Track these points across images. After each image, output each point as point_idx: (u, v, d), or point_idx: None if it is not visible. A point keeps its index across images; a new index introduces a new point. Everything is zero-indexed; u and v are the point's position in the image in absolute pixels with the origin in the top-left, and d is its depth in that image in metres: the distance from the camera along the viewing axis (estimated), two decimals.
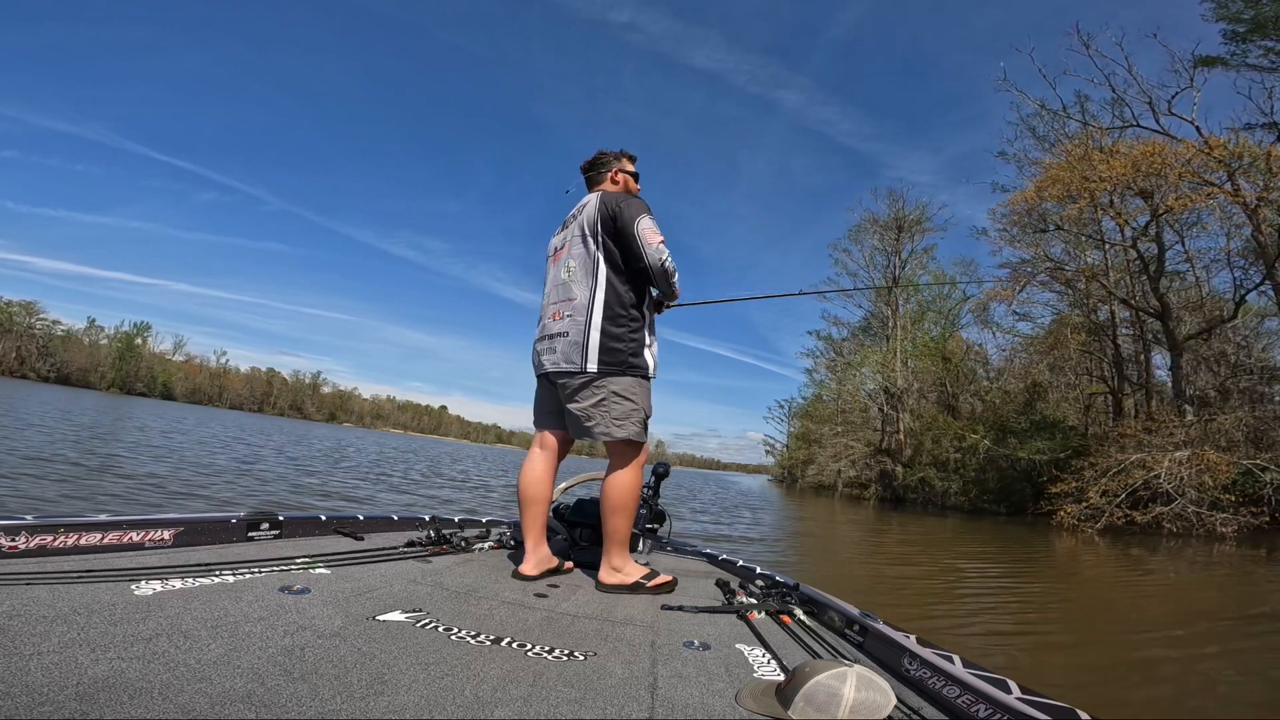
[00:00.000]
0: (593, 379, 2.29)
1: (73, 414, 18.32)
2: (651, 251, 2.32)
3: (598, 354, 2.28)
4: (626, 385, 2.31)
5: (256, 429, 29.44)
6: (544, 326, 2.45)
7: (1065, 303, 23.85)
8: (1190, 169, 16.29)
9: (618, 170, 2.65)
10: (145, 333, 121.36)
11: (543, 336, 2.44)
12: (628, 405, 2.30)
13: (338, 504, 7.68)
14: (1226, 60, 18.14)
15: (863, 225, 34.83)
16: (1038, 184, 19.14)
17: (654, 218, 2.40)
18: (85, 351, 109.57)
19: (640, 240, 2.32)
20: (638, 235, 2.32)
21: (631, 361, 2.33)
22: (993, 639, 4.08)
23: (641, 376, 2.36)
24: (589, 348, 2.28)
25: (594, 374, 2.28)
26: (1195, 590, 6.93)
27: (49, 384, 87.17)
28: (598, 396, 2.29)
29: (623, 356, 2.31)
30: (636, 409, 2.33)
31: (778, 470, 59.33)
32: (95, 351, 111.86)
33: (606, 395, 2.29)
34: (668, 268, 2.36)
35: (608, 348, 2.29)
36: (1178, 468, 13.71)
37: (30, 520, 1.69)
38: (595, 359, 2.28)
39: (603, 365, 2.28)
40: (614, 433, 2.28)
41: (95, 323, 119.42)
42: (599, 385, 2.29)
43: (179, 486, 6.94)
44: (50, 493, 5.46)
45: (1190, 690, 3.17)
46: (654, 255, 2.33)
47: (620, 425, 2.28)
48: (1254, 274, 17.90)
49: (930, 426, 28.13)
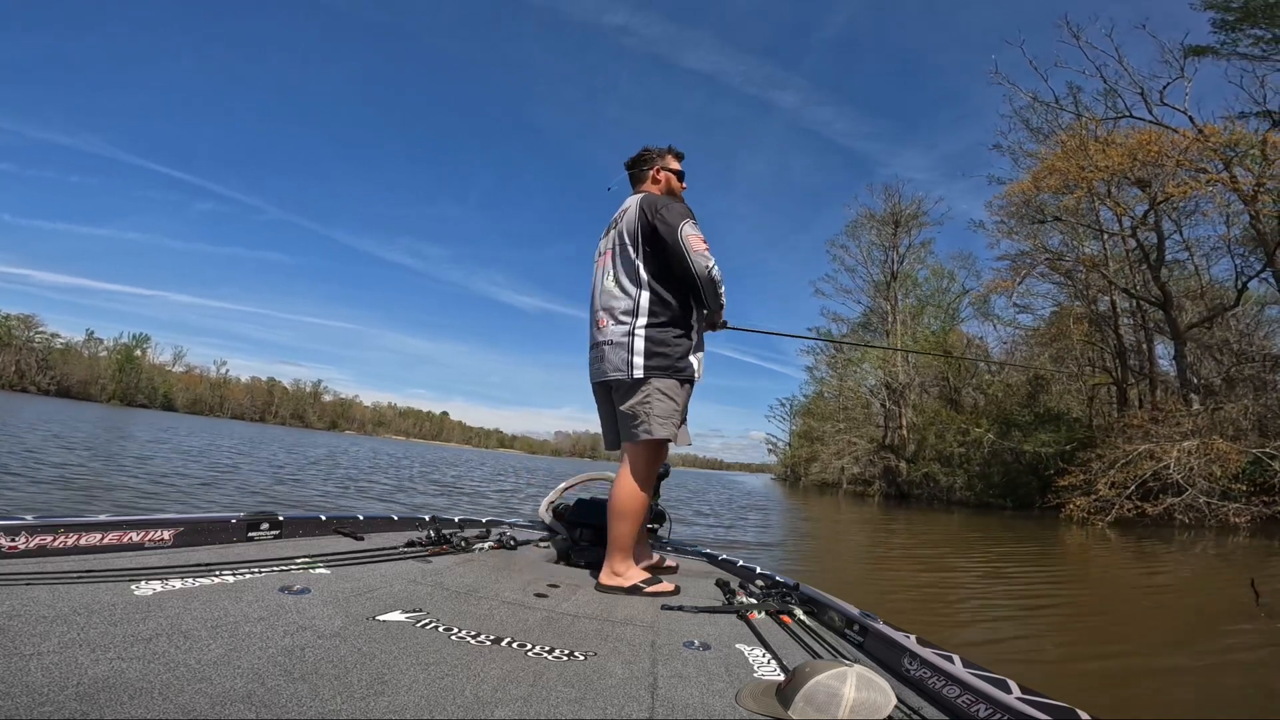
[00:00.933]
0: (640, 382, 2.32)
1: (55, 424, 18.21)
2: (697, 259, 2.30)
3: (643, 360, 2.32)
4: (671, 386, 2.34)
5: (248, 437, 29.23)
6: (592, 335, 2.49)
7: (1065, 294, 23.82)
8: (1187, 158, 16.22)
9: (660, 168, 2.61)
10: (144, 344, 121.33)
11: (593, 345, 2.48)
12: (670, 405, 2.33)
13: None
14: (1217, 49, 18.19)
15: (860, 221, 34.81)
16: (1035, 174, 19.10)
17: (696, 223, 2.38)
18: (85, 364, 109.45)
19: (685, 248, 2.30)
20: (682, 242, 2.30)
21: (677, 365, 2.35)
22: (994, 638, 4.01)
23: (685, 380, 2.39)
24: (634, 354, 2.32)
25: (640, 379, 2.32)
26: (1206, 585, 6.79)
27: (49, 397, 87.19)
28: (644, 394, 2.32)
29: (668, 361, 2.34)
30: (678, 410, 2.36)
31: (781, 469, 59.16)
32: (95, 364, 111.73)
33: (652, 393, 2.32)
34: (714, 277, 2.34)
35: (653, 353, 2.32)
36: (1187, 457, 13.59)
37: (30, 520, 1.69)
38: (641, 366, 2.31)
39: (649, 370, 2.32)
40: (656, 431, 2.29)
41: (94, 335, 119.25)
42: (645, 386, 2.32)
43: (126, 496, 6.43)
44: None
45: (1194, 691, 3.11)
46: (699, 263, 2.30)
47: (662, 424, 2.30)
48: (1254, 262, 17.83)
49: (933, 421, 28.04)
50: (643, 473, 2.35)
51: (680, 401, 2.37)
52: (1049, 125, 21.24)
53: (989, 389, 29.00)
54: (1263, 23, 17.39)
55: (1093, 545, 10.40)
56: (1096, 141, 17.89)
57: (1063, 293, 23.93)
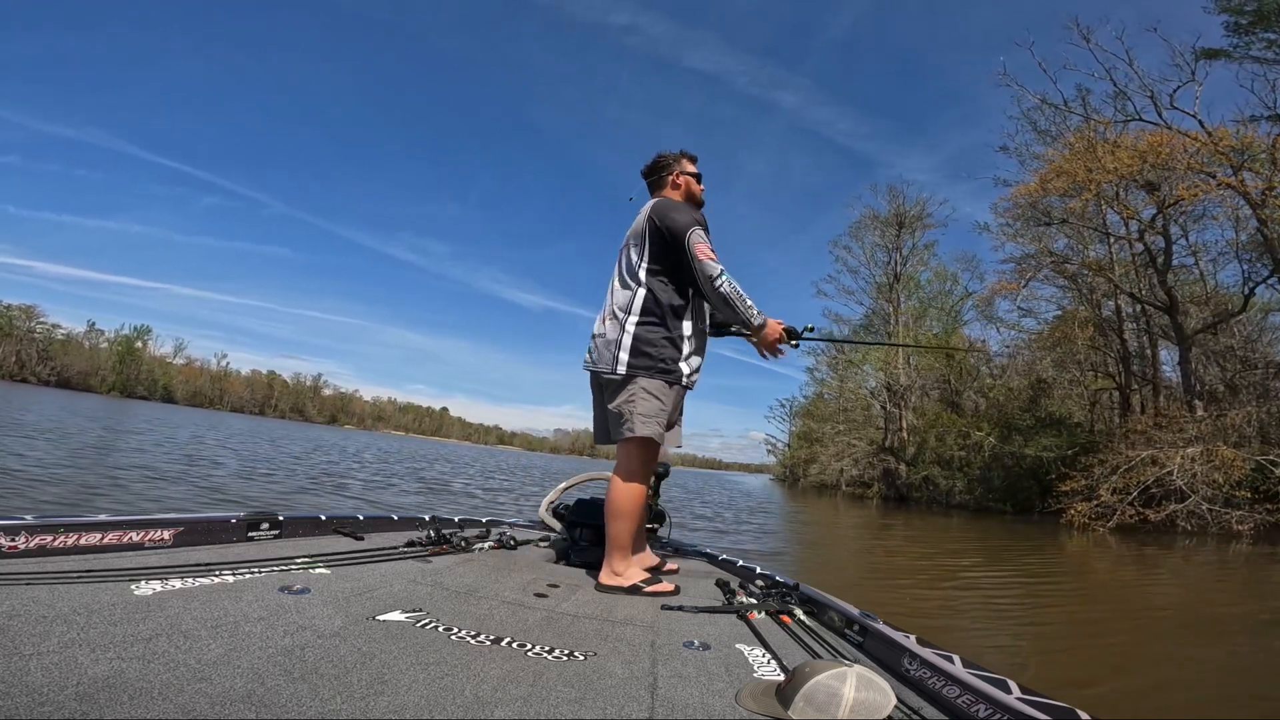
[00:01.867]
0: (624, 380, 2.32)
1: (29, 414, 18.09)
2: (699, 267, 2.29)
3: (628, 356, 2.32)
4: (657, 386, 2.32)
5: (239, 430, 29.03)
6: (594, 327, 2.52)
7: (1069, 298, 23.64)
8: (1198, 161, 16.06)
9: (679, 173, 2.62)
10: (145, 336, 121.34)
11: (591, 336, 2.51)
12: (655, 404, 2.31)
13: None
14: (1230, 52, 18.02)
15: (863, 221, 34.56)
16: (1042, 176, 18.92)
17: (705, 230, 2.39)
18: (85, 355, 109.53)
19: (690, 255, 2.30)
20: (688, 249, 2.31)
21: (663, 366, 2.33)
22: (994, 639, 3.98)
23: (674, 382, 2.36)
24: (621, 350, 2.32)
25: (624, 376, 2.32)
26: (1206, 591, 6.70)
27: (50, 388, 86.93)
28: (629, 393, 2.32)
29: (653, 361, 2.32)
30: (664, 410, 2.34)
31: (780, 470, 59.11)
32: (95, 355, 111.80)
33: (637, 392, 2.31)
34: (719, 288, 2.29)
35: (639, 351, 2.32)
36: (1190, 464, 13.41)
37: (30, 520, 1.68)
38: (625, 362, 2.31)
39: (632, 368, 2.31)
40: (638, 429, 2.27)
41: (95, 326, 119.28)
42: (630, 385, 2.32)
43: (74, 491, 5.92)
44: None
45: (1193, 691, 3.08)
46: (701, 271, 2.29)
47: (645, 423, 2.28)
48: (1262, 267, 17.68)
49: (934, 424, 27.87)
50: (632, 471, 2.33)
51: (668, 403, 2.35)
52: (1057, 128, 21.06)
53: (990, 392, 28.81)
54: (1277, 26, 17.25)
55: (1093, 550, 10.31)
56: (1105, 144, 17.73)
57: (1066, 296, 23.81)
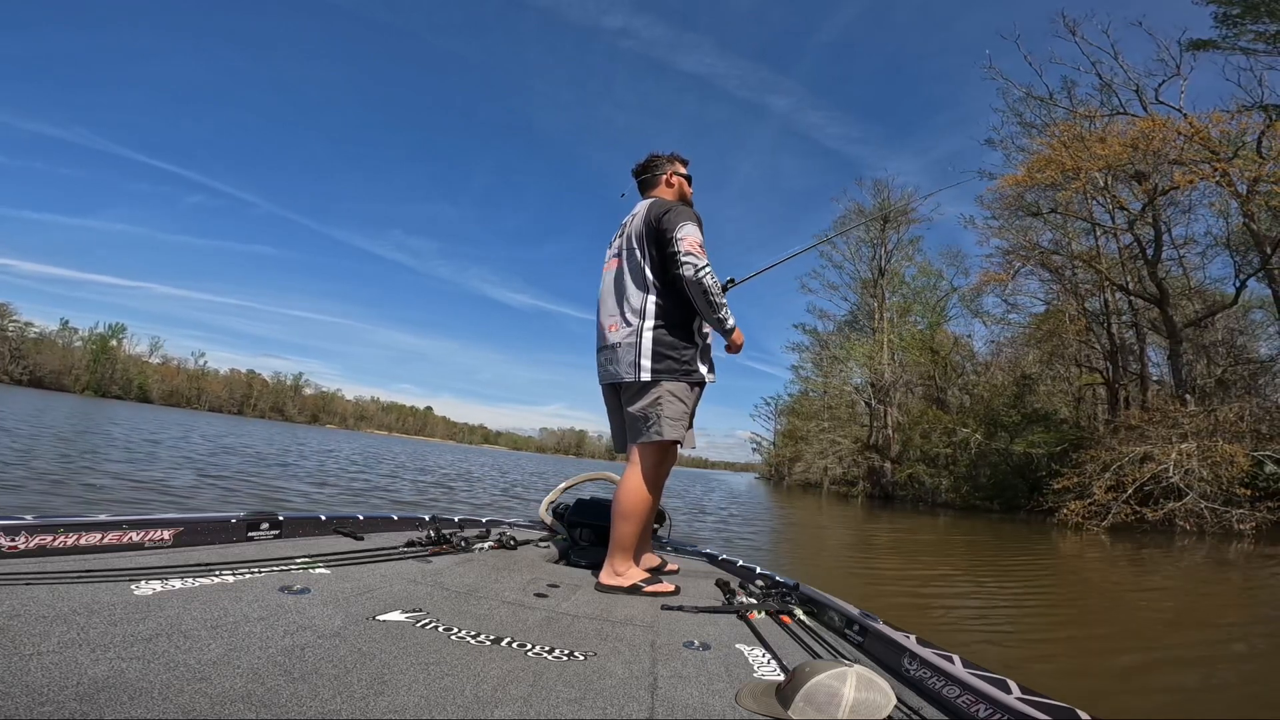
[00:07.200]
0: (648, 385, 2.31)
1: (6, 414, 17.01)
2: (684, 259, 2.23)
3: (650, 362, 2.30)
4: (681, 389, 2.32)
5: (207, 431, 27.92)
6: (603, 337, 2.48)
7: (1056, 293, 23.30)
8: (1191, 149, 15.69)
9: (671, 173, 2.63)
10: (120, 334, 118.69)
11: (602, 347, 2.47)
12: (680, 407, 2.31)
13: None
14: (1218, 43, 17.87)
15: (848, 216, 34.03)
16: (1029, 165, 18.51)
17: (698, 226, 2.34)
18: (59, 354, 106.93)
19: (676, 248, 2.26)
20: (675, 243, 2.26)
21: (686, 368, 2.33)
22: (993, 639, 3.96)
23: (696, 383, 2.37)
24: (642, 356, 2.31)
25: (649, 381, 2.31)
26: (1205, 591, 6.45)
27: (22, 387, 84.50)
28: (654, 396, 2.30)
29: (676, 364, 2.32)
30: (687, 413, 2.35)
31: (765, 468, 58.80)
32: (69, 354, 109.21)
33: (663, 395, 2.30)
34: (702, 280, 2.23)
35: (660, 355, 2.31)
36: (1185, 459, 12.92)
37: (30, 520, 1.65)
38: (648, 368, 2.30)
39: (656, 372, 2.30)
40: (666, 433, 2.27)
41: (69, 324, 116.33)
42: (654, 388, 2.31)
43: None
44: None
45: (1193, 691, 3.06)
46: (686, 263, 2.23)
47: (673, 426, 2.28)
48: (1254, 259, 17.35)
49: (919, 421, 27.46)
50: (652, 474, 2.33)
51: (690, 404, 2.36)
52: (1043, 120, 20.86)
53: (974, 388, 28.45)
54: (1267, 16, 17.06)
55: (1088, 550, 9.91)
56: (1093, 134, 17.44)
57: (1053, 291, 23.46)
